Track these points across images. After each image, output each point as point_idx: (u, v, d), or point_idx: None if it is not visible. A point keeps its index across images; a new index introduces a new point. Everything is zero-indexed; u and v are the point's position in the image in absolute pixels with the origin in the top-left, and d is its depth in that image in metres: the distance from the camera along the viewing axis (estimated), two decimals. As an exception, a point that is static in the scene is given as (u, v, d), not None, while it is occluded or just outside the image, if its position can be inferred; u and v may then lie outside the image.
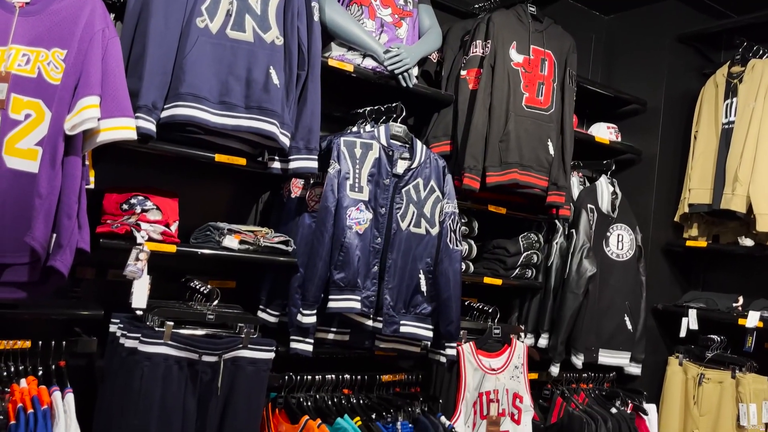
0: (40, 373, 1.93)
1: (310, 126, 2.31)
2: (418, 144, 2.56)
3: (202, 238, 2.34)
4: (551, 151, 2.85)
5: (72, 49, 1.82)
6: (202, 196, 2.56)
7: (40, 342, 1.95)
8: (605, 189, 3.22)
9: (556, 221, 3.10)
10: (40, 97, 1.81)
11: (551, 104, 2.88)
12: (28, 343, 1.93)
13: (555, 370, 2.99)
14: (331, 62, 2.46)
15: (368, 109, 2.63)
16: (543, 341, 3.03)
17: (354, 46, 2.55)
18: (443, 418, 2.51)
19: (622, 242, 3.21)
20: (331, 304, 2.34)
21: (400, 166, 2.49)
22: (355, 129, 2.60)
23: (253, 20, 2.15)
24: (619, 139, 3.46)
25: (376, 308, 2.43)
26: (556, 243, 3.09)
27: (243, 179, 2.66)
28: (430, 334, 2.52)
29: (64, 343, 1.99)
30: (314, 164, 2.33)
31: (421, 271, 2.50)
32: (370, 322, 2.44)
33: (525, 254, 2.97)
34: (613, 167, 3.31)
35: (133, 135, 1.88)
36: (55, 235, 1.79)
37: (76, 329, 2.19)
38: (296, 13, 2.23)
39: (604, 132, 3.41)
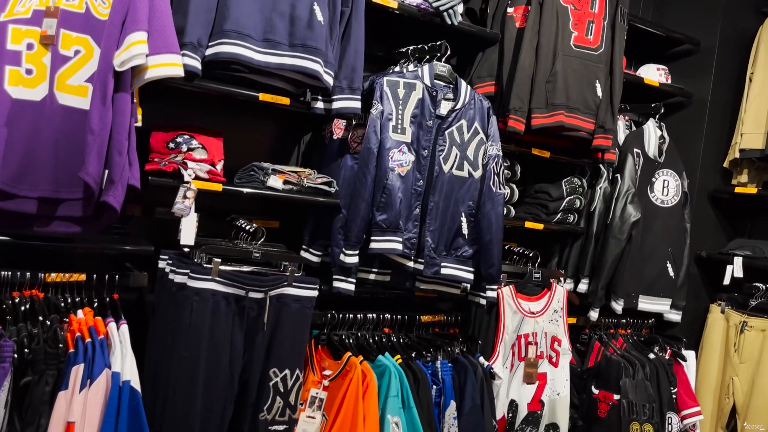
0: (95, 305, 2.00)
1: (354, 65, 2.28)
2: (463, 84, 2.50)
3: (246, 178, 2.36)
4: (599, 93, 2.77)
5: (119, -17, 1.81)
6: (245, 136, 2.57)
7: (95, 275, 2.01)
8: (652, 133, 3.13)
9: (601, 166, 3.03)
10: (89, 32, 1.81)
11: (600, 43, 2.77)
12: (83, 276, 2.00)
13: (594, 315, 2.99)
14: (374, -2, 2.40)
15: (411, 48, 2.58)
16: (583, 286, 3.02)
17: (400, -19, 2.48)
18: (482, 359, 2.55)
19: (667, 188, 3.13)
20: (372, 245, 2.36)
21: (444, 107, 2.45)
22: (397, 69, 2.55)
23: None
24: (669, 82, 3.34)
25: (417, 250, 2.44)
26: (600, 188, 3.04)
27: (285, 120, 2.65)
28: (470, 276, 2.53)
29: (116, 276, 2.05)
30: (357, 104, 2.31)
31: (462, 214, 2.49)
32: (410, 264, 2.46)
33: (567, 199, 2.93)
34: (662, 111, 3.20)
35: (180, 72, 1.88)
36: (107, 171, 1.82)
37: (127, 264, 2.26)
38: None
39: (653, 74, 3.29)
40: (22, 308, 1.86)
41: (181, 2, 1.99)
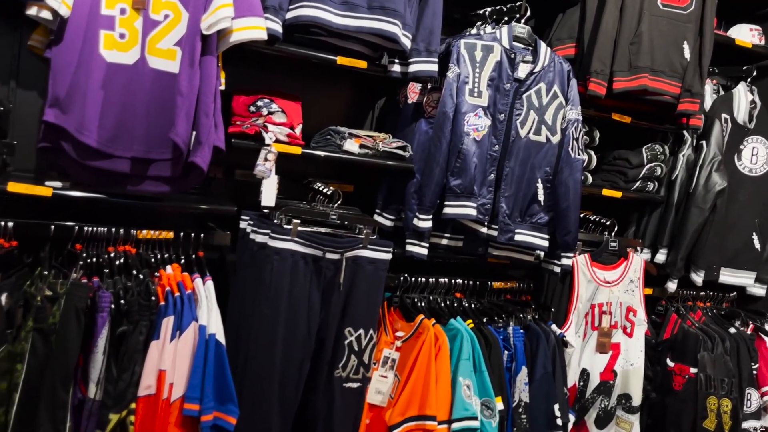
0: (182, 261, 2.09)
1: (432, 27, 2.25)
2: (542, 46, 2.44)
3: (323, 142, 2.39)
4: (686, 55, 2.64)
5: (205, -53, 1.84)
6: (321, 100, 2.60)
7: (181, 233, 2.11)
8: (743, 97, 2.96)
9: (685, 132, 2.91)
10: (177, -3, 1.87)
11: (690, 2, 2.63)
12: (171, 234, 2.09)
13: (672, 286, 2.90)
14: (454, -42, 2.36)
15: (489, 9, 2.53)
16: (661, 256, 2.93)
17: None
18: (554, 327, 2.53)
19: (756, 156, 2.98)
20: (446, 210, 2.36)
21: (522, 70, 2.40)
22: (474, 31, 2.51)
23: None
24: (763, 43, 3.14)
25: (491, 216, 2.43)
26: (683, 155, 2.92)
27: (360, 84, 2.66)
28: (545, 243, 2.50)
29: (201, 235, 2.14)
30: (434, 67, 2.29)
31: (539, 179, 2.45)
32: (484, 230, 2.45)
33: (648, 166, 2.83)
34: (754, 74, 3.02)
35: (263, 35, 1.91)
36: (194, 133, 1.89)
37: (210, 224, 2.35)
38: None
39: (745, 34, 3.10)
40: (117, 263, 1.97)
41: (262, -34, 2.02)
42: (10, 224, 1.86)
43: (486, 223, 2.43)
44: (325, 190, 2.32)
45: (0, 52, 2.08)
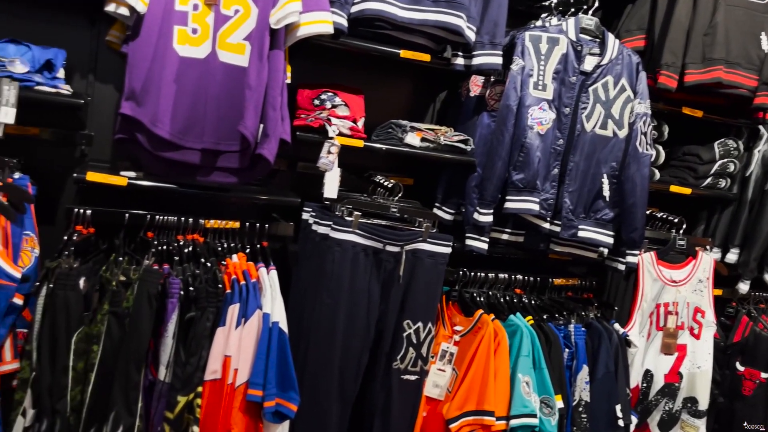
0: (248, 251, 2.14)
1: (497, 20, 2.23)
2: (610, 38, 2.37)
3: (384, 135, 2.41)
4: (764, 47, 2.52)
5: (275, -57, 1.88)
6: (383, 93, 2.61)
7: (247, 223, 2.16)
8: (825, 91, 2.80)
9: (761, 126, 2.78)
10: (247, -8, 1.91)
11: (770, -9, 2.51)
12: (236, 224, 2.15)
13: (744, 287, 2.79)
14: (519, -52, 2.32)
15: (555, 1, 2.48)
16: (732, 256, 2.82)
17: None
18: (617, 326, 2.47)
19: (837, 153, 2.82)
20: (508, 205, 2.34)
21: (589, 63, 2.34)
22: (539, 23, 2.47)
23: None
24: None
25: (553, 211, 2.39)
26: (759, 151, 2.79)
27: (422, 77, 2.66)
28: (609, 240, 2.44)
29: (266, 226, 2.19)
30: (498, 60, 2.26)
31: (604, 175, 2.39)
32: (546, 225, 2.41)
33: (720, 162, 2.72)
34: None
35: (330, 29, 1.93)
36: (262, 125, 1.93)
37: (274, 215, 2.40)
38: None
39: (829, 25, 2.92)
40: (186, 250, 2.03)
41: (328, -41, 2.04)
42: (88, 212, 1.95)
43: (548, 219, 2.40)
44: (385, 183, 2.33)
45: (79, 47, 2.18)
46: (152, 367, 1.88)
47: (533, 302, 2.49)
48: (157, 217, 2.02)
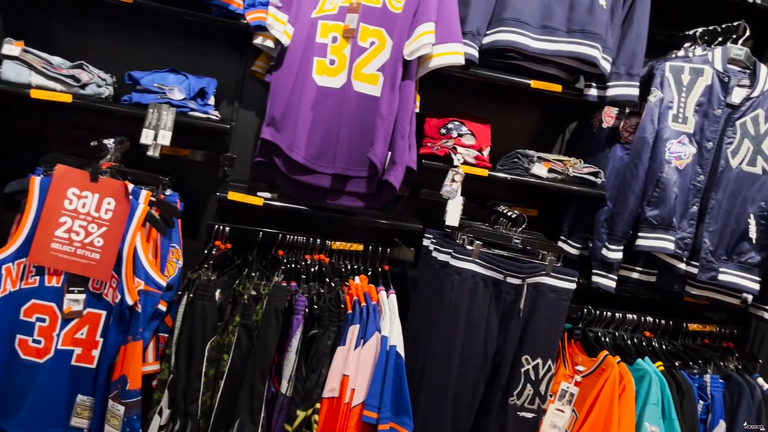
0: (369, 273, 2.20)
1: (634, 50, 2.15)
2: (762, 69, 2.21)
3: (510, 165, 2.38)
4: None
5: (412, -22, 1.94)
6: (510, 122, 2.60)
7: (370, 247, 2.22)
8: None
9: None
10: (383, 25, 1.98)
11: None
12: (360, 247, 2.21)
13: None
14: (664, -22, 2.23)
15: (700, 30, 2.34)
16: None
17: (691, -42, 2.27)
18: (761, 380, 2.25)
19: None
20: (640, 242, 2.22)
21: (737, 95, 2.19)
22: (681, 53, 2.34)
23: (582, -63, 2.05)
24: None
25: (691, 251, 2.24)
26: None
27: (551, 107, 2.62)
28: (755, 286, 2.24)
29: (388, 250, 2.23)
30: (635, 92, 2.18)
31: (751, 215, 2.21)
32: (682, 266, 2.26)
33: None
34: None
35: (461, 60, 1.96)
36: (390, 153, 1.98)
37: (395, 239, 2.44)
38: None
39: None
40: (312, 270, 2.12)
41: (464, -7, 2.08)
42: (227, 229, 2.09)
43: (685, 259, 2.25)
44: (509, 213, 2.30)
45: (228, 76, 2.36)
46: (275, 380, 1.97)
47: (664, 347, 2.33)
48: (288, 236, 2.13)
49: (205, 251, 2.08)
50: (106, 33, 2.26)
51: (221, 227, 2.10)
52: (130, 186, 1.89)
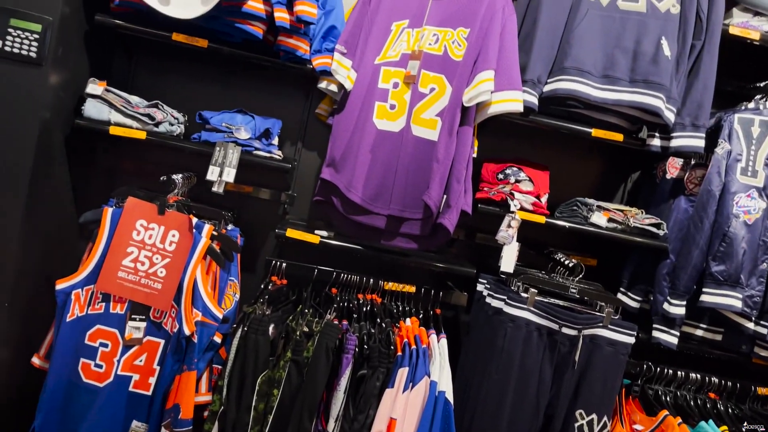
0: (421, 316, 2.19)
1: (701, 101, 2.11)
2: (840, 123, 2.12)
3: (568, 212, 2.35)
4: None
5: (474, 27, 1.98)
6: (569, 169, 2.57)
7: (422, 289, 2.22)
8: None
9: None
10: (444, 72, 2.02)
11: None
12: (413, 288, 2.22)
13: None
14: (733, 30, 2.18)
15: (772, 81, 2.28)
16: None
17: (763, 10, 2.22)
18: (838, 455, 2.09)
19: None
20: (704, 298, 2.13)
21: (811, 149, 2.10)
22: (752, 105, 2.27)
23: (647, -12, 2.05)
24: None
25: (760, 311, 2.13)
26: None
27: (613, 155, 2.58)
28: (831, 351, 2.10)
29: (440, 293, 2.23)
30: (700, 143, 2.12)
31: (827, 275, 2.09)
32: (750, 325, 2.15)
33: None
34: None
35: (520, 108, 1.97)
36: (445, 196, 2.00)
37: (449, 283, 2.43)
38: (698, -23, 2.04)
39: None
40: (364, 309, 2.14)
41: (525, 40, 2.10)
42: (284, 265, 2.14)
43: (753, 318, 2.14)
44: (566, 262, 2.26)
45: (293, 117, 2.45)
46: (323, 418, 1.97)
47: (730, 410, 2.21)
48: (342, 274, 2.16)
49: (262, 286, 2.13)
50: (181, 74, 2.40)
51: (278, 263, 2.15)
52: (194, 220, 1.97)
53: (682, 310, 2.16)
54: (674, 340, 2.18)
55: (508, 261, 2.19)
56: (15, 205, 1.86)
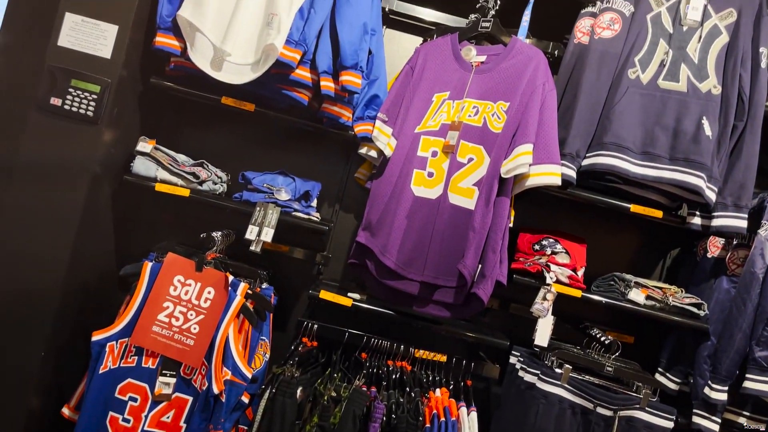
0: (451, 386, 2.15)
1: (743, 181, 2.08)
2: None
3: (605, 287, 2.31)
4: None
5: (514, 101, 2.01)
6: (606, 243, 2.54)
7: (453, 358, 2.18)
8: None
9: None
10: (482, 143, 2.05)
11: None
12: (443, 357, 2.18)
13: None
14: (775, 111, 2.18)
15: (817, 164, 2.24)
16: None
17: (806, 91, 2.22)
18: None
19: None
20: (748, 384, 2.05)
21: None
22: (796, 186, 2.24)
23: (688, 69, 2.06)
24: None
25: (808, 401, 2.03)
26: None
27: (652, 231, 2.54)
28: None
29: (472, 363, 2.19)
30: (743, 224, 2.08)
31: None
32: (797, 416, 2.05)
33: None
34: None
35: (558, 181, 1.97)
36: (480, 266, 1.99)
37: (481, 353, 2.39)
38: (740, 60, 2.05)
39: None
40: (394, 377, 2.10)
41: (564, 115, 2.13)
42: (315, 326, 2.14)
43: (800, 409, 2.04)
44: (602, 338, 2.20)
45: (332, 180, 2.50)
46: (346, 488, 1.92)
47: (775, 508, 2.08)
48: (373, 339, 2.14)
49: (292, 347, 2.12)
50: (226, 133, 2.49)
51: (310, 324, 2.15)
52: (230, 278, 2.00)
53: (724, 396, 2.08)
54: (716, 428, 2.09)
55: (543, 334, 2.15)
56: (61, 257, 1.92)
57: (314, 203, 2.26)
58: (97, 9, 1.94)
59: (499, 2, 2.17)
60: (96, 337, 1.94)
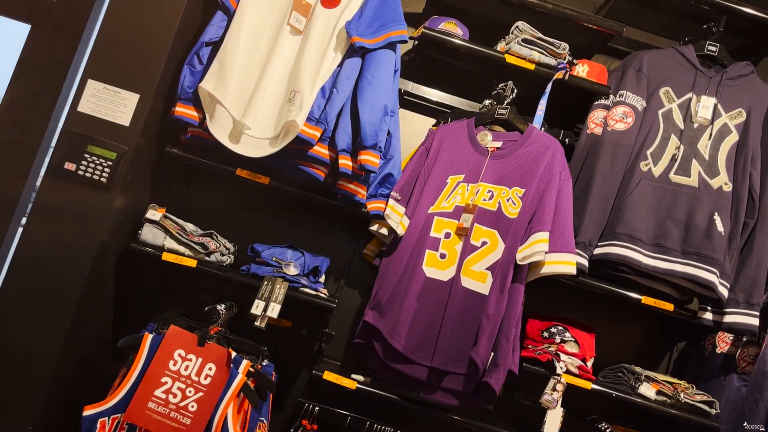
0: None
1: (754, 278, 2.08)
2: None
3: (613, 379, 2.26)
4: None
5: (530, 188, 2.02)
6: (614, 333, 2.51)
7: (459, 449, 2.10)
8: None
9: None
10: (497, 228, 2.04)
11: None
12: (448, 448, 2.10)
13: None
14: (784, 209, 2.20)
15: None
16: None
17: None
18: None
19: None
20: (762, 489, 1.98)
21: None
22: (806, 285, 2.24)
23: (699, 165, 2.10)
24: None
25: None
26: None
27: (660, 323, 2.52)
28: None
29: (479, 456, 2.10)
30: (754, 321, 2.07)
31: None
32: None
33: None
34: None
35: (573, 270, 1.95)
36: (492, 354, 1.94)
37: (485, 444, 2.29)
38: (750, 159, 2.09)
39: None
40: (396, 466, 2.01)
41: (577, 203, 2.13)
42: (317, 409, 2.05)
43: None
44: (612, 434, 2.14)
45: (339, 255, 2.47)
46: None
47: None
48: (376, 425, 2.05)
49: (292, 430, 2.03)
50: (237, 204, 2.46)
51: (310, 406, 2.07)
52: (233, 354, 1.93)
53: (738, 501, 2.00)
54: None
55: (552, 426, 2.08)
56: (59, 327, 1.85)
57: (322, 279, 2.22)
58: (120, 77, 1.95)
59: (515, 91, 2.21)
60: (87, 412, 1.84)
